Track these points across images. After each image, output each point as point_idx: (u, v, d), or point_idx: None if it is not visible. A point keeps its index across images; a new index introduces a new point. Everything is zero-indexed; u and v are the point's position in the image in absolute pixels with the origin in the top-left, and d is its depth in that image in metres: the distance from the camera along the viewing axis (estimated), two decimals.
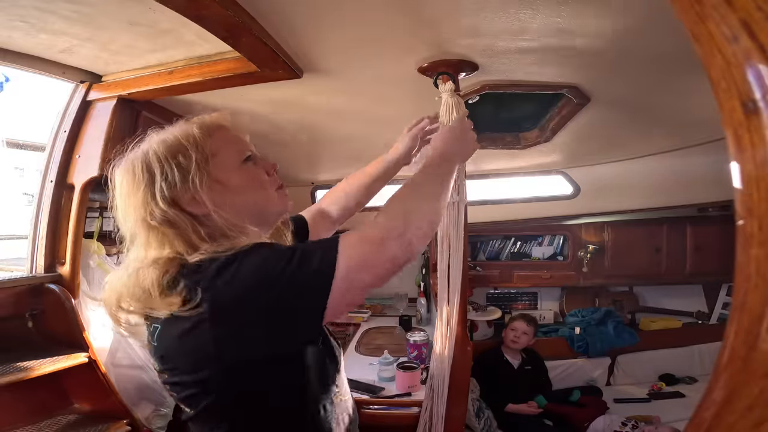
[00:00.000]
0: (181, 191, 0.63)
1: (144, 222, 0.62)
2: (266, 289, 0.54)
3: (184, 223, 0.62)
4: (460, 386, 1.15)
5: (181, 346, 0.59)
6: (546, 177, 2.45)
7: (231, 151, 0.69)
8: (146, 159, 0.64)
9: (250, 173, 0.69)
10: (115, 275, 0.65)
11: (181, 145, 0.65)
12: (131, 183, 0.64)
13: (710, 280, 2.99)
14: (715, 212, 2.68)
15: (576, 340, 2.84)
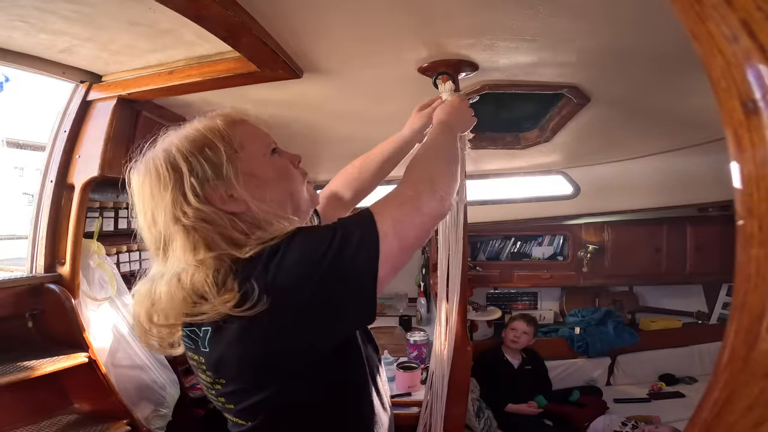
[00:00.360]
0: (213, 187, 0.60)
1: (178, 224, 0.58)
2: (319, 267, 0.53)
3: (221, 219, 0.59)
4: (460, 386, 1.15)
5: (241, 344, 0.56)
6: (546, 177, 2.45)
7: (258, 143, 0.66)
8: (170, 157, 0.61)
9: (279, 165, 0.67)
10: (143, 288, 0.61)
11: (207, 138, 0.62)
12: (156, 184, 0.60)
13: (710, 280, 2.99)
14: (715, 212, 2.69)
15: (576, 340, 2.84)
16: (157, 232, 0.61)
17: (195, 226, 0.58)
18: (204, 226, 0.58)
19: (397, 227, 0.56)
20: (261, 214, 0.60)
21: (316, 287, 0.53)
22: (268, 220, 0.60)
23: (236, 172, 0.60)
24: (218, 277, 0.55)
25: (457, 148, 0.78)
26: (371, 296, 0.55)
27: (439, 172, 0.65)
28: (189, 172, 0.59)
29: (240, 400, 0.59)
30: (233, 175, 0.60)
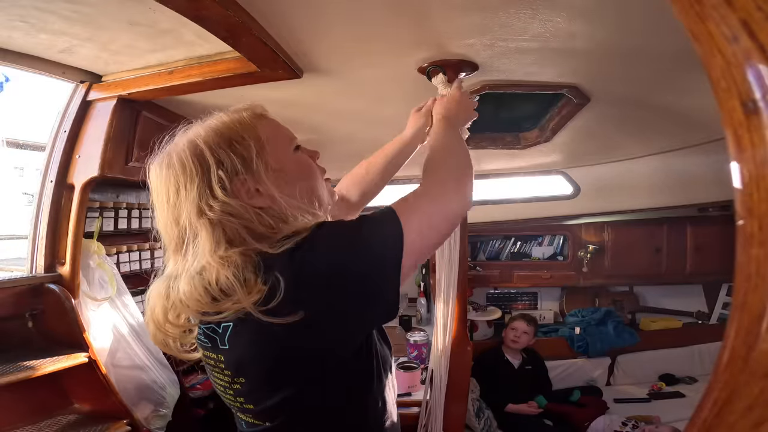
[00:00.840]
0: (241, 181, 0.59)
1: (203, 217, 0.57)
2: (347, 258, 0.53)
3: (248, 213, 0.58)
4: (460, 386, 1.16)
5: (263, 340, 0.55)
6: (546, 177, 2.45)
7: (283, 138, 0.66)
8: (196, 149, 0.59)
9: (303, 160, 0.67)
10: (160, 286, 0.60)
11: (235, 131, 0.61)
12: (182, 176, 0.58)
13: (710, 280, 2.99)
14: (715, 212, 2.69)
15: (576, 340, 2.84)
16: (180, 228, 0.59)
17: (221, 220, 0.56)
18: (230, 219, 0.56)
19: (422, 223, 0.57)
20: (288, 209, 0.59)
21: (344, 278, 0.53)
22: (294, 214, 0.60)
23: (266, 167, 0.60)
24: (244, 273, 0.53)
25: (464, 141, 0.79)
26: (395, 288, 0.55)
27: (459, 172, 0.66)
28: (217, 164, 0.58)
29: (260, 401, 0.58)
30: (263, 170, 0.59)
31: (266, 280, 0.52)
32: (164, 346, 0.63)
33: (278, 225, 0.58)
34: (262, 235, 0.57)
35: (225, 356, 0.59)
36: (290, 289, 0.51)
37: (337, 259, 0.53)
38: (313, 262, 0.53)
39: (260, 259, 0.55)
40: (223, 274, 0.53)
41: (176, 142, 0.62)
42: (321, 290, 0.52)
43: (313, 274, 0.53)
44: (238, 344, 0.57)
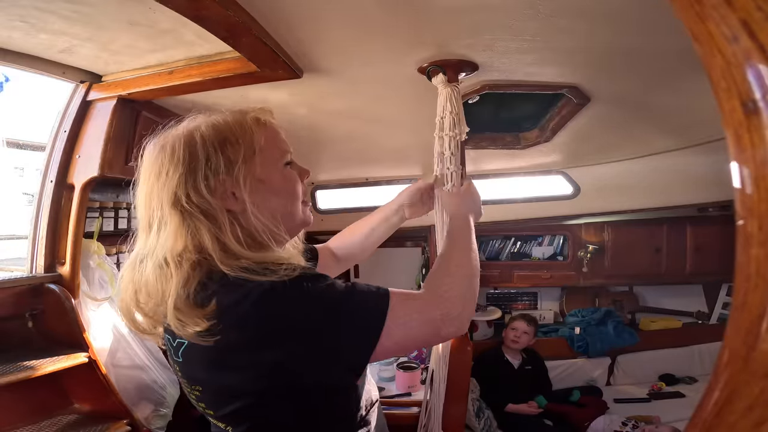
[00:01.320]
0: (221, 182, 0.59)
1: (177, 205, 0.57)
2: (319, 329, 0.52)
3: (222, 218, 0.58)
4: (460, 386, 1.15)
5: (216, 371, 0.55)
6: (546, 177, 2.45)
7: (277, 151, 0.66)
8: (191, 140, 0.60)
9: (289, 178, 0.66)
10: (129, 268, 0.61)
11: (232, 132, 0.61)
12: (169, 161, 0.59)
13: (710, 280, 2.99)
14: (715, 212, 2.69)
15: (576, 340, 2.84)
16: (151, 210, 0.59)
17: (193, 215, 0.57)
18: (202, 219, 0.57)
19: (410, 321, 0.56)
20: (254, 221, 0.59)
21: (315, 340, 0.52)
22: (261, 230, 0.59)
23: (246, 174, 0.60)
24: (193, 285, 0.54)
25: (473, 237, 0.80)
26: (360, 366, 0.57)
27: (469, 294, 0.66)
28: (206, 161, 0.58)
29: (218, 408, 0.59)
30: (242, 177, 0.59)
31: (220, 311, 0.52)
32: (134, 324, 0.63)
33: (248, 242, 0.58)
34: (228, 248, 0.56)
35: (179, 367, 0.60)
36: (254, 335, 0.52)
37: (315, 319, 0.52)
38: (290, 314, 0.52)
39: (218, 280, 0.54)
40: (175, 279, 0.54)
41: (178, 127, 0.63)
42: (288, 343, 0.52)
43: (285, 327, 0.52)
44: (192, 361, 0.57)
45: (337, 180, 2.52)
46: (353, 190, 2.59)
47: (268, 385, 0.54)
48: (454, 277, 0.66)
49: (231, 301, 0.52)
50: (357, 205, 2.62)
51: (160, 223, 0.58)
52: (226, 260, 0.55)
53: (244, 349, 0.52)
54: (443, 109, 1.03)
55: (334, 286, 0.56)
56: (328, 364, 0.54)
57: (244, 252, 0.56)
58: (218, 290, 0.53)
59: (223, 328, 0.52)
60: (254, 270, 0.54)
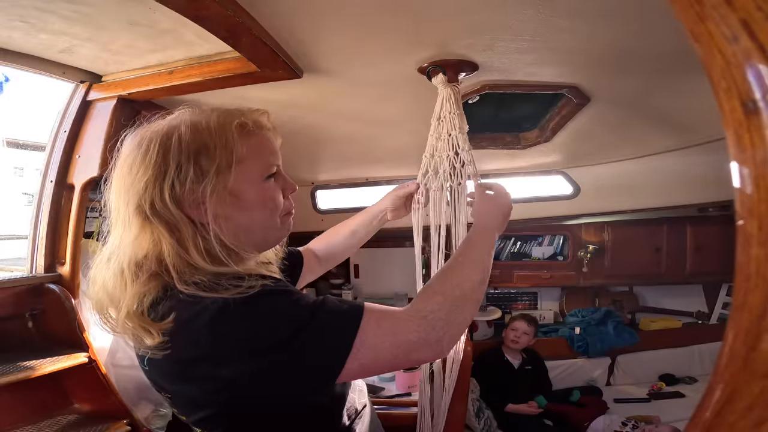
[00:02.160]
0: (188, 191, 0.56)
1: (140, 211, 0.55)
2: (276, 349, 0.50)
3: (185, 229, 0.56)
4: (460, 386, 1.15)
5: (178, 383, 0.55)
6: (546, 177, 2.45)
7: (258, 163, 0.61)
8: (167, 141, 0.57)
9: (267, 192, 0.62)
10: (99, 264, 0.60)
11: (212, 139, 0.57)
12: (141, 161, 0.56)
13: (710, 280, 2.99)
14: (715, 212, 2.68)
15: (576, 340, 2.84)
16: (119, 207, 0.58)
17: (155, 224, 0.55)
18: (163, 229, 0.55)
19: (377, 350, 0.52)
20: (219, 234, 0.56)
21: (277, 357, 0.50)
22: (221, 246, 0.56)
23: (216, 187, 0.57)
24: (149, 299, 0.53)
25: (492, 253, 0.74)
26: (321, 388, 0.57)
27: (459, 313, 0.60)
28: (176, 167, 0.56)
29: (189, 414, 0.58)
30: (210, 189, 0.56)
31: (176, 329, 0.51)
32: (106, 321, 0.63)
33: (209, 256, 0.55)
34: (187, 262, 0.54)
35: (147, 374, 0.59)
36: (209, 353, 0.50)
37: (272, 339, 0.50)
38: (243, 334, 0.50)
39: (176, 296, 0.52)
40: (131, 292, 0.54)
41: (161, 122, 0.61)
42: (243, 363, 0.50)
43: (239, 347, 0.50)
44: (156, 371, 0.56)
45: (337, 180, 2.52)
46: (353, 190, 2.59)
47: (230, 398, 0.53)
48: (447, 297, 0.60)
49: (184, 318, 0.51)
50: (357, 205, 2.62)
51: (125, 223, 0.57)
52: (183, 275, 0.53)
53: (201, 364, 0.51)
54: (443, 110, 1.03)
55: (299, 303, 0.53)
56: (289, 385, 0.52)
57: (203, 265, 0.54)
58: (174, 306, 0.52)
59: (177, 344, 0.51)
60: (209, 286, 0.52)
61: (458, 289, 0.62)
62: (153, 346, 0.51)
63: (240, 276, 0.53)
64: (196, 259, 0.54)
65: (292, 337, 0.50)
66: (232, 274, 0.54)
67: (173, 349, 0.51)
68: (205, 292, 0.51)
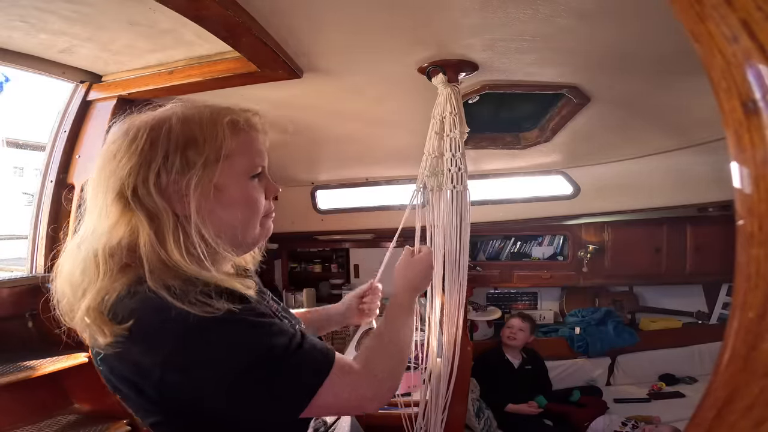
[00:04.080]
0: (173, 182, 0.55)
1: (121, 196, 0.54)
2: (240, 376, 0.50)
3: (166, 220, 0.54)
4: (460, 386, 1.15)
5: (130, 387, 0.53)
6: (546, 177, 2.45)
7: (245, 161, 0.61)
8: (156, 130, 0.56)
9: (250, 191, 0.62)
10: (69, 252, 0.57)
11: (202, 132, 0.57)
12: (126, 147, 0.55)
13: (710, 280, 2.99)
14: (715, 212, 2.68)
15: (576, 340, 2.84)
16: (97, 193, 0.56)
17: (135, 211, 0.54)
18: (143, 217, 0.53)
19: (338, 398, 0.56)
20: (198, 229, 0.55)
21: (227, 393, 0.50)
22: (199, 242, 0.55)
23: (201, 180, 0.56)
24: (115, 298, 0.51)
25: (414, 311, 0.83)
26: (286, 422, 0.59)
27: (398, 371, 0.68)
28: (164, 156, 0.55)
29: (143, 418, 0.57)
30: (195, 181, 0.56)
31: (136, 333, 0.49)
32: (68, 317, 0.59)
33: (187, 252, 0.54)
34: (163, 256, 0.53)
35: (101, 373, 0.57)
36: (170, 369, 0.49)
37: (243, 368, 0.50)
38: (216, 357, 0.50)
39: (138, 291, 0.51)
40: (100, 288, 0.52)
41: (150, 114, 0.60)
42: (207, 386, 0.50)
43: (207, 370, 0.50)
44: (111, 371, 0.55)
45: (337, 180, 2.52)
46: (353, 190, 2.59)
47: (184, 407, 0.53)
48: (389, 357, 0.68)
49: (147, 323, 0.50)
50: (357, 205, 2.62)
51: (102, 210, 0.55)
52: (156, 271, 0.52)
53: (160, 371, 0.49)
54: (443, 110, 1.03)
55: (276, 335, 0.53)
56: (249, 412, 0.52)
57: (178, 261, 0.53)
58: (138, 307, 0.50)
59: (137, 347, 0.50)
60: (179, 295, 0.50)
61: (396, 349, 0.71)
62: (105, 345, 0.50)
63: (208, 293, 0.51)
64: (172, 253, 0.53)
65: (263, 370, 0.51)
66: (202, 287, 0.52)
67: (131, 352, 0.50)
68: (173, 299, 0.49)
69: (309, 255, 3.14)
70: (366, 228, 2.68)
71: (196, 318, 0.48)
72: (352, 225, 2.67)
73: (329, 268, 3.10)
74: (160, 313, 0.49)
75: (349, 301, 1.06)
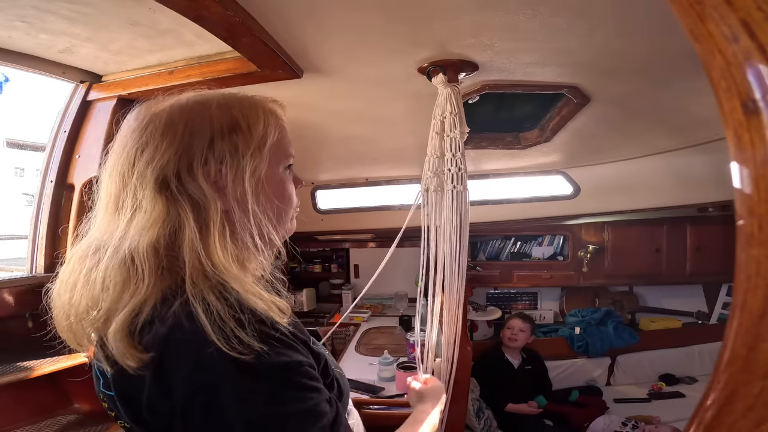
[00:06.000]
0: (220, 172, 0.49)
1: (164, 188, 0.46)
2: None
3: (213, 213, 0.46)
4: (460, 386, 1.15)
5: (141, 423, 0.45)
6: (546, 177, 2.45)
7: (283, 151, 0.57)
8: (194, 114, 0.51)
9: (286, 183, 0.57)
10: (79, 258, 0.50)
11: (245, 118, 0.52)
12: (162, 133, 0.48)
13: (710, 280, 2.99)
14: (715, 212, 2.68)
15: (576, 340, 2.84)
16: (127, 187, 0.47)
17: (180, 203, 0.46)
18: (189, 210, 0.46)
19: None
20: (247, 225, 0.49)
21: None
22: (249, 240, 0.49)
23: (252, 170, 0.51)
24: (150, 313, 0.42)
25: None
26: None
27: None
28: (209, 142, 0.49)
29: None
30: (249, 170, 0.50)
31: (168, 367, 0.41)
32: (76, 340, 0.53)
33: (231, 252, 0.47)
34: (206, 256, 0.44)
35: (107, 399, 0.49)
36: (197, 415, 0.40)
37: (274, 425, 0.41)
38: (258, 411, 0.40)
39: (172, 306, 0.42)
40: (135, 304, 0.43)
41: (176, 99, 0.54)
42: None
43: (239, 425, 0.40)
44: (120, 398, 0.48)
45: (337, 180, 2.52)
46: (353, 190, 2.59)
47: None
48: None
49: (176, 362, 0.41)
50: (357, 205, 2.62)
51: (135, 206, 0.46)
52: (197, 279, 0.43)
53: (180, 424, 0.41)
54: (443, 110, 1.03)
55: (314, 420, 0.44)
56: None
57: (222, 264, 0.45)
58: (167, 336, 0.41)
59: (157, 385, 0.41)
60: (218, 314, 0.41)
61: None
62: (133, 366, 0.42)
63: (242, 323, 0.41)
64: (214, 253, 0.45)
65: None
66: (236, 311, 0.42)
67: (154, 386, 0.42)
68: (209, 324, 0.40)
69: (309, 255, 3.14)
70: (366, 228, 2.68)
71: (236, 363, 0.40)
72: (352, 225, 2.67)
73: (329, 268, 3.10)
74: (189, 347, 0.41)
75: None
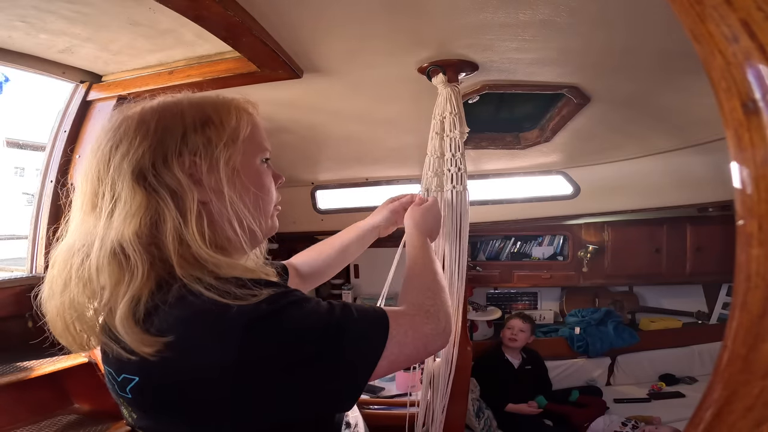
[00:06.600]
0: (194, 163, 0.51)
1: (141, 180, 0.48)
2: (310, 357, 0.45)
3: (191, 203, 0.48)
4: (460, 386, 1.15)
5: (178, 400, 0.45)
6: (546, 177, 2.45)
7: (257, 144, 0.59)
8: (166, 112, 0.53)
9: (264, 175, 0.59)
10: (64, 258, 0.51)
11: (217, 113, 0.54)
12: (135, 130, 0.50)
13: (710, 280, 2.99)
14: (715, 212, 2.68)
15: (576, 340, 2.84)
16: (103, 184, 0.49)
17: (158, 194, 0.48)
18: (168, 201, 0.48)
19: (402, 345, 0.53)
20: (224, 215, 0.51)
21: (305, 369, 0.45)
22: (227, 229, 0.52)
23: (219, 160, 0.52)
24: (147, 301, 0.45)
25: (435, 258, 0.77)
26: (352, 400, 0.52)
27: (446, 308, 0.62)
28: (182, 136, 0.51)
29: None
30: (223, 161, 0.52)
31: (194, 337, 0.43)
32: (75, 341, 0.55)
33: (210, 241, 0.49)
34: (185, 246, 0.47)
35: (126, 402, 0.50)
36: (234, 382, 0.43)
37: (312, 351, 0.46)
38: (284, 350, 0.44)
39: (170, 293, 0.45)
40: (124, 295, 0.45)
41: (148, 102, 0.56)
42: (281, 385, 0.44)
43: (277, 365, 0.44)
44: (141, 401, 0.47)
45: (337, 180, 2.52)
46: (353, 190, 2.59)
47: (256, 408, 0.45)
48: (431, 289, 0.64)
49: (203, 329, 0.43)
50: (357, 205, 2.62)
51: (114, 198, 0.48)
52: (186, 262, 0.46)
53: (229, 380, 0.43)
54: (443, 110, 1.03)
55: (327, 306, 0.49)
56: (324, 396, 0.48)
57: (204, 251, 0.47)
58: (182, 315, 0.44)
59: (189, 359, 0.43)
60: (221, 289, 0.44)
61: (432, 278, 0.67)
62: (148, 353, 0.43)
63: (252, 271, 0.49)
64: (196, 243, 0.47)
65: (330, 343, 0.47)
66: (240, 270, 0.48)
67: (183, 363, 0.43)
68: (212, 293, 0.44)
69: None
70: None
71: (255, 308, 0.44)
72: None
73: None
74: (211, 315, 0.43)
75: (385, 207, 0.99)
